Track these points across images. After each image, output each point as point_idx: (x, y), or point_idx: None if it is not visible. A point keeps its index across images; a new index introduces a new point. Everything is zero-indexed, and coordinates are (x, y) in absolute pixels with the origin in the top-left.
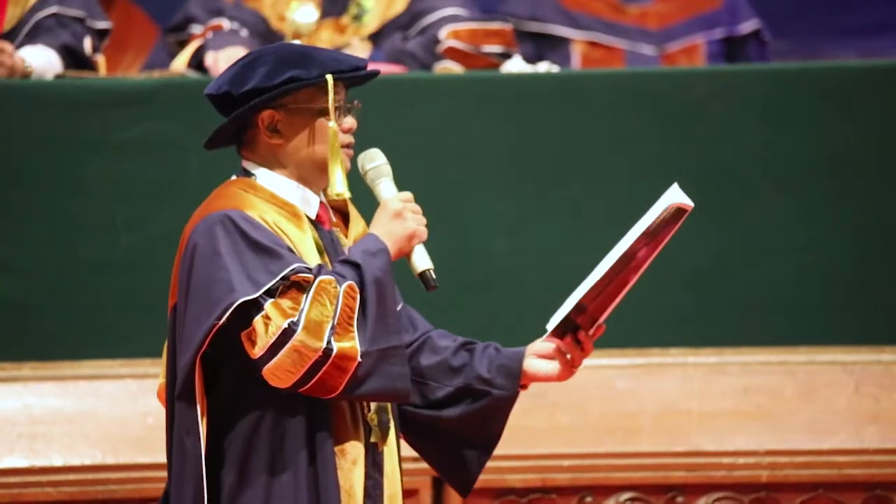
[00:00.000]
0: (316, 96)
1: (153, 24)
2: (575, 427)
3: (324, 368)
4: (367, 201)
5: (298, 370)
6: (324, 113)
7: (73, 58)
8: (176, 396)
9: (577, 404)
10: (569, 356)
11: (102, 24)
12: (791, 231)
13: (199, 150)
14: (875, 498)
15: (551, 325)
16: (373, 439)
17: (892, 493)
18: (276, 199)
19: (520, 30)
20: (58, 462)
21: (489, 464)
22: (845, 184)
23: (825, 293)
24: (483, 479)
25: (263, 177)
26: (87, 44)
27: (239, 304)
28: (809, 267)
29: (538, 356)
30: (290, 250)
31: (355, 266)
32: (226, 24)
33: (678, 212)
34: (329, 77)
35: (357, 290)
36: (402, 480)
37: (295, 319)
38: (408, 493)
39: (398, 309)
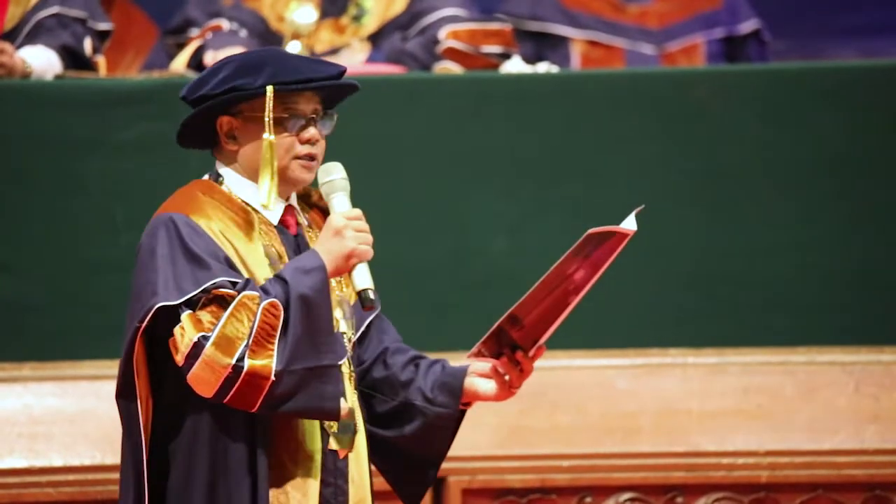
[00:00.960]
0: (266, 105)
1: (153, 25)
2: (575, 427)
3: (236, 385)
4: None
5: (214, 383)
6: (278, 122)
7: (73, 58)
8: (116, 395)
9: (577, 404)
10: (507, 377)
11: (104, 26)
12: (791, 231)
13: (198, 151)
14: (875, 498)
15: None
16: (332, 446)
17: (891, 494)
18: (232, 204)
19: (519, 29)
20: (57, 462)
21: (489, 464)
22: (845, 184)
23: (825, 293)
24: (482, 479)
25: (230, 179)
26: (88, 45)
27: (171, 311)
28: (809, 267)
29: (478, 375)
30: (228, 261)
31: (283, 282)
32: (225, 24)
33: (615, 235)
34: (269, 88)
35: (280, 307)
36: (371, 485)
37: (207, 334)
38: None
39: (373, 321)
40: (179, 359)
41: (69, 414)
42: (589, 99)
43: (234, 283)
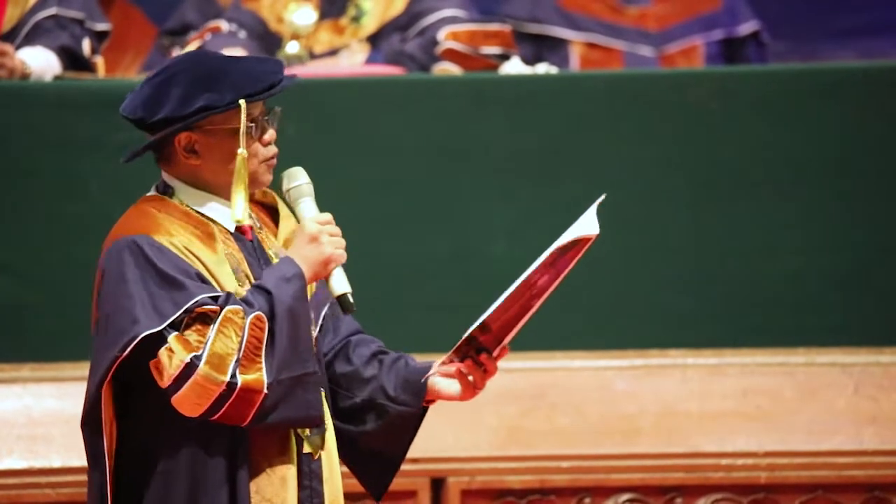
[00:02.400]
0: (231, 117)
1: (152, 26)
2: (574, 428)
3: (229, 402)
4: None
5: (204, 403)
6: (237, 131)
7: (72, 59)
8: (81, 424)
9: (577, 405)
10: (471, 378)
11: (102, 26)
12: (790, 232)
13: None
14: (874, 499)
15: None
16: (307, 450)
17: (891, 495)
18: (190, 218)
19: (518, 31)
20: (57, 463)
21: (488, 465)
22: (845, 185)
23: (824, 294)
24: (482, 480)
25: (181, 191)
26: (86, 45)
27: (144, 336)
28: (808, 268)
29: (442, 375)
30: (200, 276)
31: (266, 293)
32: (224, 25)
33: (580, 241)
34: (242, 102)
35: (265, 320)
36: (341, 480)
37: (198, 353)
38: (406, 495)
39: (327, 311)
40: (165, 381)
41: (68, 415)
42: (588, 100)
43: (214, 299)
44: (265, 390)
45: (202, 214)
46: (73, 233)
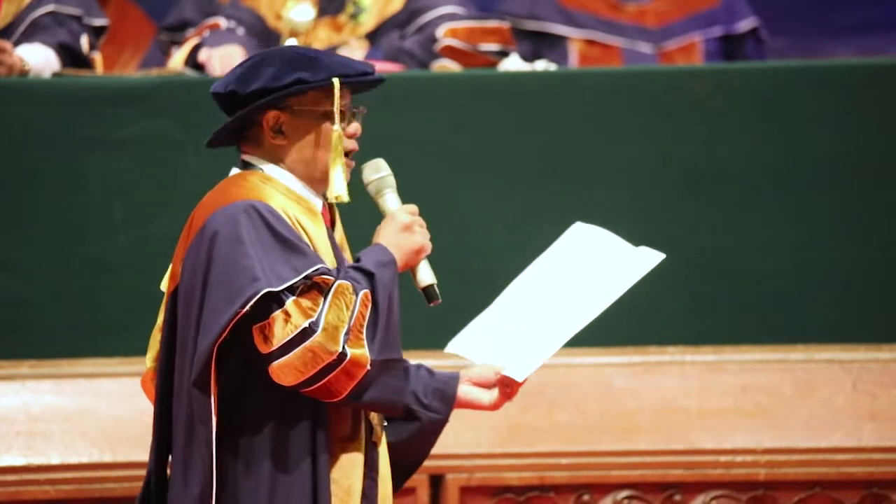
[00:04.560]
0: (321, 99)
1: (150, 22)
2: (573, 425)
3: (334, 372)
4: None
5: (308, 371)
6: (328, 116)
7: (70, 56)
8: (192, 384)
9: (576, 402)
10: (508, 388)
11: (99, 22)
12: (789, 229)
13: (197, 148)
14: (873, 496)
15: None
16: (373, 439)
17: (889, 491)
18: (291, 194)
19: (517, 28)
20: (56, 460)
21: (487, 462)
22: (843, 182)
23: (823, 291)
24: (481, 477)
25: (272, 171)
26: (84, 41)
27: (259, 297)
28: (807, 264)
29: (474, 384)
30: (310, 248)
31: (369, 275)
32: (222, 22)
33: None
34: (336, 80)
35: (370, 298)
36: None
37: (314, 320)
38: (405, 492)
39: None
40: (273, 345)
41: (67, 412)
42: (587, 97)
43: (329, 270)
44: (368, 366)
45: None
46: (72, 230)
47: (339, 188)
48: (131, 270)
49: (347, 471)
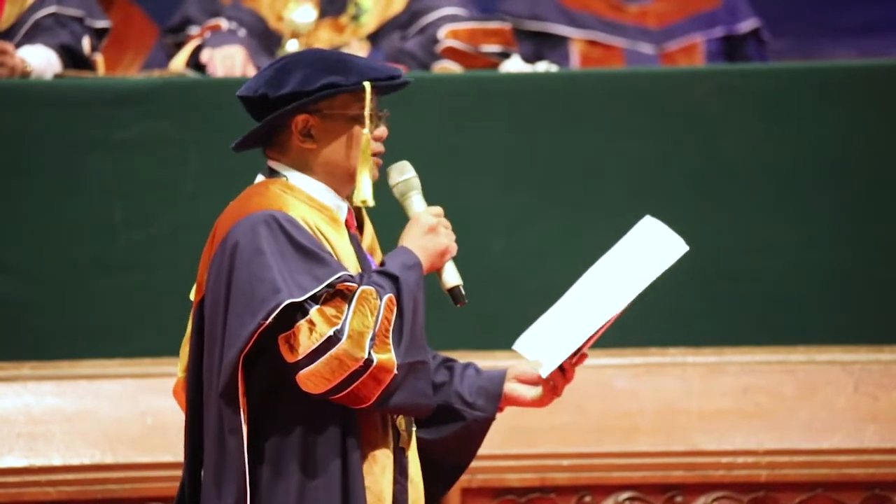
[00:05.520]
0: (351, 103)
1: (152, 24)
2: (574, 426)
3: (361, 379)
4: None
5: (335, 378)
6: (357, 120)
7: (72, 57)
8: (220, 394)
9: (577, 404)
10: (551, 383)
11: (101, 24)
12: (790, 230)
13: (198, 149)
14: (874, 497)
15: (547, 367)
16: (401, 444)
17: (891, 493)
18: (313, 202)
19: (519, 29)
20: (57, 462)
21: (488, 463)
22: (844, 183)
23: (824, 292)
24: (482, 478)
25: (296, 179)
26: (86, 43)
27: (283, 307)
28: (808, 266)
29: (520, 381)
30: (332, 256)
31: (394, 279)
32: (224, 23)
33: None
34: (367, 84)
35: (395, 303)
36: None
37: (339, 328)
38: None
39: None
40: (300, 354)
41: (68, 413)
42: (588, 98)
43: (351, 277)
44: (395, 371)
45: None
46: (73, 232)
47: (366, 192)
48: (132, 272)
49: (378, 476)
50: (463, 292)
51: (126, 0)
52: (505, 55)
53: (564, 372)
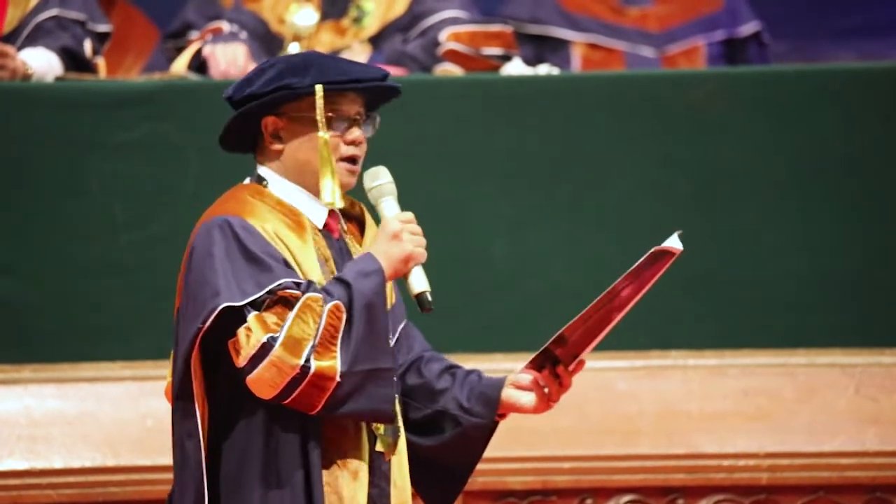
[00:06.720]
0: (315, 106)
1: (153, 27)
2: (575, 429)
3: (301, 386)
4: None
5: (278, 385)
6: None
7: (74, 60)
8: (174, 397)
9: (578, 406)
10: (546, 390)
11: (103, 28)
12: (791, 233)
13: (198, 152)
14: (875, 500)
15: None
16: (378, 448)
17: (892, 496)
18: (282, 207)
19: (520, 32)
20: (58, 464)
21: (489, 466)
22: (845, 186)
23: (825, 295)
24: (483, 481)
25: (274, 183)
26: (88, 46)
27: (227, 311)
28: (809, 269)
29: (516, 387)
30: (286, 263)
31: (346, 285)
32: (225, 26)
33: (663, 254)
34: (318, 87)
35: (343, 309)
36: (410, 489)
37: (275, 335)
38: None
39: (403, 328)
40: (242, 360)
41: (69, 416)
42: (589, 101)
43: (297, 285)
44: (338, 378)
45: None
46: (75, 234)
47: (327, 195)
48: (133, 273)
49: (349, 481)
50: (429, 299)
51: (127, 3)
52: (506, 58)
53: (559, 378)
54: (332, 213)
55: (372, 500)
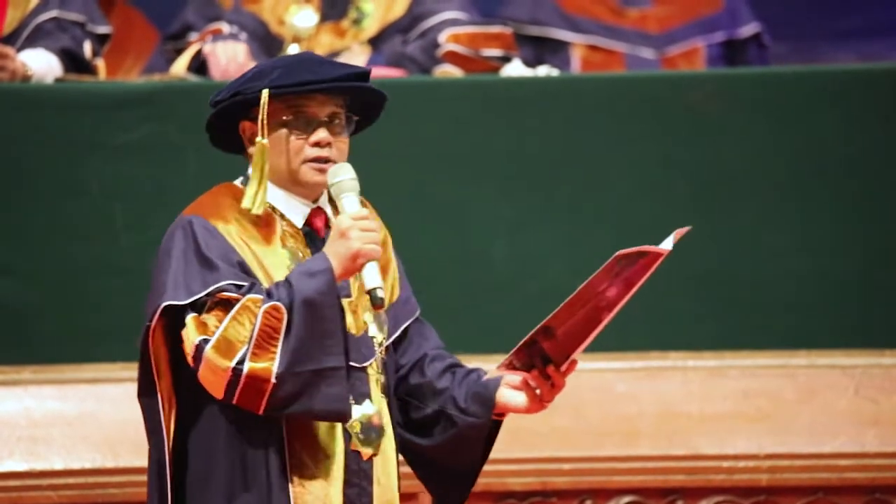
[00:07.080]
0: (279, 109)
1: (153, 29)
2: (575, 430)
3: (238, 388)
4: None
5: (220, 386)
6: (286, 125)
7: (73, 62)
8: (137, 394)
9: (577, 407)
10: (538, 391)
11: (103, 29)
12: (791, 234)
13: (198, 153)
14: (875, 501)
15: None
16: (355, 447)
17: (892, 497)
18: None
19: (519, 33)
20: (58, 465)
21: (489, 467)
22: (845, 187)
23: (825, 296)
24: (483, 482)
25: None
26: (87, 48)
27: (176, 313)
28: (809, 270)
29: (509, 387)
30: (242, 265)
31: (288, 286)
32: (225, 27)
33: (649, 255)
34: (264, 92)
35: (283, 310)
36: (398, 488)
37: (208, 337)
38: (406, 497)
39: (415, 326)
40: (189, 360)
41: (69, 417)
42: (589, 103)
43: (238, 287)
44: (273, 380)
45: (273, 209)
46: (75, 234)
47: (247, 201)
48: (133, 274)
49: (321, 481)
50: (380, 296)
51: (127, 4)
52: (506, 59)
53: (550, 379)
54: (317, 212)
55: (349, 500)
